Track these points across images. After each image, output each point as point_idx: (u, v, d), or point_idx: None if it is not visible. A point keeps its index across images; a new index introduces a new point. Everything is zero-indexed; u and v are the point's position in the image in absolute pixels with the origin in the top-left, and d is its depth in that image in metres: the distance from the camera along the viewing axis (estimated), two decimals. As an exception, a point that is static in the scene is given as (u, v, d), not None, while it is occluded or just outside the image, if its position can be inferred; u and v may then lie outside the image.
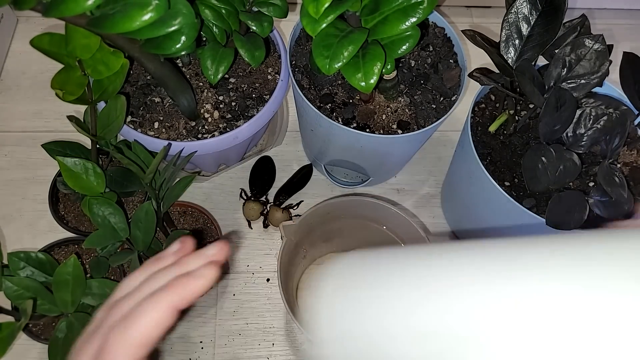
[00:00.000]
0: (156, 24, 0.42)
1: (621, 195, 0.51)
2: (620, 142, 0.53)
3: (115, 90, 0.53)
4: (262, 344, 0.65)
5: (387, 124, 0.60)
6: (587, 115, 0.54)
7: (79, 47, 0.48)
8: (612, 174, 0.51)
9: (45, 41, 0.48)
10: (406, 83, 0.62)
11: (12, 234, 0.70)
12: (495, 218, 0.60)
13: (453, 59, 0.63)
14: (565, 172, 0.52)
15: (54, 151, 0.56)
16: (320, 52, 0.48)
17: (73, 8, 0.38)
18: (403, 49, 0.50)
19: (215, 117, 0.62)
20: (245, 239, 0.72)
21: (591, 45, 0.53)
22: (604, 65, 0.53)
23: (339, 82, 0.62)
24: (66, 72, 0.49)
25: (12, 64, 0.83)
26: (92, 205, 0.52)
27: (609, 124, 0.54)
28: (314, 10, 0.45)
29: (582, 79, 0.54)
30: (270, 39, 0.67)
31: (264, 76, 0.65)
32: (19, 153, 0.76)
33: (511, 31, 0.55)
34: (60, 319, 0.51)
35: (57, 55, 0.48)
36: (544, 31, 0.54)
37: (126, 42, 0.48)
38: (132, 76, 0.63)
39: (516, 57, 0.55)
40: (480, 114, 0.62)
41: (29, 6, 0.39)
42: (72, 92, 0.49)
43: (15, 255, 0.50)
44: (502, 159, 0.59)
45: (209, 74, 0.55)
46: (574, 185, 0.57)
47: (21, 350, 0.63)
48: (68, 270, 0.49)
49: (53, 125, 0.78)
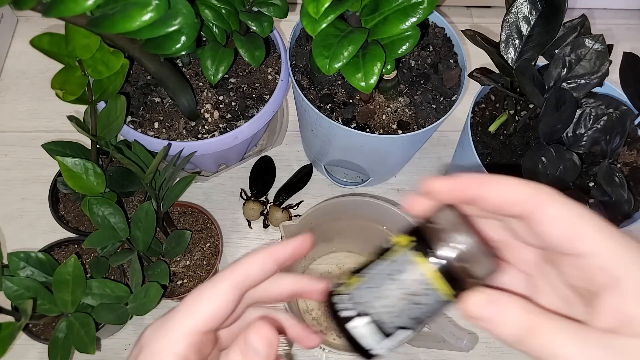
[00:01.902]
0: (156, 24, 0.42)
1: (621, 195, 0.51)
2: (620, 142, 0.53)
3: (115, 90, 0.53)
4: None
5: (387, 124, 0.60)
6: (587, 115, 0.54)
7: (79, 47, 0.48)
8: (612, 174, 0.51)
9: (45, 41, 0.48)
10: (406, 83, 0.62)
11: (12, 233, 0.70)
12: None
13: (453, 59, 0.63)
14: (565, 172, 0.52)
15: (54, 151, 0.56)
16: (320, 52, 0.48)
17: (73, 8, 0.38)
18: (403, 49, 0.50)
19: (215, 117, 0.62)
20: (245, 239, 0.72)
21: (591, 45, 0.53)
22: (604, 65, 0.53)
23: (339, 82, 0.62)
24: (66, 72, 0.49)
25: (12, 64, 0.83)
26: (92, 205, 0.52)
27: (609, 124, 0.54)
28: (314, 10, 0.45)
29: (582, 79, 0.53)
30: (270, 39, 0.67)
31: (264, 76, 0.65)
32: (19, 153, 0.76)
33: (511, 31, 0.55)
34: (60, 319, 0.51)
35: (57, 55, 0.48)
36: (544, 31, 0.54)
37: (126, 42, 0.48)
38: (132, 76, 0.63)
39: (516, 57, 0.55)
40: (480, 114, 0.62)
41: (28, 6, 0.39)
42: (72, 92, 0.49)
43: (15, 255, 0.50)
44: (502, 159, 0.59)
45: (209, 74, 0.55)
46: (574, 186, 0.57)
47: (21, 350, 0.63)
48: (68, 270, 0.49)
49: (53, 125, 0.78)
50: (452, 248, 0.25)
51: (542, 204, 0.25)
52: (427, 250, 0.25)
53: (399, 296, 0.25)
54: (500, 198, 0.26)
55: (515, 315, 0.24)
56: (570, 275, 0.26)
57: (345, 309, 0.27)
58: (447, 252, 0.25)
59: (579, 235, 0.24)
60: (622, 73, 0.55)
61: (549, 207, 0.25)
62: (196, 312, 0.29)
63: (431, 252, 0.25)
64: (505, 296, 0.25)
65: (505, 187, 0.26)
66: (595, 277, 0.24)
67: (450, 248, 0.25)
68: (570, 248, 0.25)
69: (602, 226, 0.24)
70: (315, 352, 0.65)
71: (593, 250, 0.24)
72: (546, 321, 0.24)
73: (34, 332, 0.57)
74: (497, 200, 0.26)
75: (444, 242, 0.25)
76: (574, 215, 0.25)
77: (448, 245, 0.25)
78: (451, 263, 0.25)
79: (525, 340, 0.24)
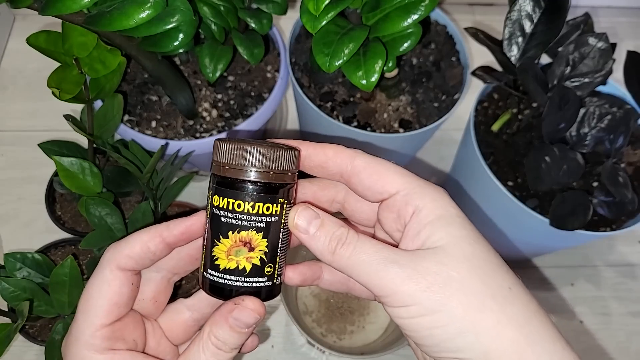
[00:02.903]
0: (154, 21, 0.42)
1: (625, 195, 0.50)
2: (624, 142, 0.52)
3: (112, 89, 0.52)
4: (261, 347, 0.65)
5: (389, 123, 0.59)
6: (590, 114, 0.54)
7: (76, 45, 0.47)
8: (616, 174, 0.51)
9: (42, 39, 0.47)
10: (408, 81, 0.61)
11: (8, 234, 0.69)
12: (498, 218, 0.59)
13: (455, 57, 0.62)
14: (568, 171, 0.51)
15: (50, 150, 0.56)
16: (321, 50, 0.47)
17: (70, 5, 0.37)
18: (405, 47, 0.49)
19: (213, 116, 0.61)
20: (245, 239, 0.71)
21: (595, 43, 0.52)
22: (608, 63, 0.53)
23: (340, 80, 0.61)
24: (63, 71, 0.49)
25: (9, 62, 0.83)
26: (88, 206, 0.51)
27: (613, 123, 0.53)
28: (314, 7, 0.45)
29: (586, 78, 0.53)
30: (270, 37, 0.66)
31: (263, 74, 0.64)
32: (15, 152, 0.75)
33: (514, 29, 0.54)
34: (57, 321, 0.50)
35: (53, 54, 0.48)
36: (547, 29, 0.53)
37: (123, 39, 0.47)
38: (130, 74, 0.63)
39: (519, 55, 0.54)
40: (483, 113, 0.61)
41: (25, 4, 0.38)
42: (68, 91, 0.49)
43: (11, 256, 0.50)
44: (505, 158, 0.58)
45: (207, 72, 0.55)
46: (578, 185, 0.57)
47: (18, 353, 0.62)
48: (65, 272, 0.48)
49: (50, 124, 0.77)
50: (246, 170, 0.29)
51: (352, 159, 0.31)
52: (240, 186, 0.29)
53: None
54: (322, 156, 0.31)
55: (330, 228, 0.29)
56: (387, 222, 0.31)
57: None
58: (252, 175, 0.29)
59: (387, 180, 0.30)
60: (627, 72, 0.54)
61: (357, 159, 0.31)
62: (91, 313, 0.30)
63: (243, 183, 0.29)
64: (324, 213, 0.29)
65: (324, 150, 0.32)
66: (402, 211, 0.29)
67: (245, 171, 0.29)
68: (381, 191, 0.30)
69: (402, 171, 0.30)
70: (315, 355, 0.64)
71: (399, 189, 0.30)
72: (360, 238, 0.28)
73: (30, 334, 0.57)
74: (319, 159, 0.31)
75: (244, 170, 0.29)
76: (378, 164, 0.31)
77: (247, 170, 0.29)
78: (260, 178, 0.29)
79: (339, 257, 0.28)
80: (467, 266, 0.27)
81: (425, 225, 0.28)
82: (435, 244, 0.27)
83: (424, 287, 0.26)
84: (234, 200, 0.29)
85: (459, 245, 0.27)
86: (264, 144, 0.29)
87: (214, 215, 0.30)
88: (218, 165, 0.30)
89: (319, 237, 0.29)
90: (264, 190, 0.29)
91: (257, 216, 0.29)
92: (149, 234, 0.31)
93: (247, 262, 0.29)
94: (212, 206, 0.30)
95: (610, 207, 0.52)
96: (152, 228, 0.32)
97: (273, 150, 0.29)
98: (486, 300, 0.26)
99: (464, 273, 0.26)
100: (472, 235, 0.28)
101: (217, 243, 0.30)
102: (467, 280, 0.26)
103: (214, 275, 0.30)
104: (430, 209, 0.28)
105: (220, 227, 0.29)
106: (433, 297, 0.26)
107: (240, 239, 0.29)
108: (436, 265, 0.26)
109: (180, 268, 0.34)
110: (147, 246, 0.31)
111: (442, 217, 0.28)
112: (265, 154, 0.29)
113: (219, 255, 0.30)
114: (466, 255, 0.27)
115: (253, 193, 0.29)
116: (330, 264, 0.29)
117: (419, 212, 0.28)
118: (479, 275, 0.27)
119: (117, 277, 0.30)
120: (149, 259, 0.31)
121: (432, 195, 0.29)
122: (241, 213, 0.29)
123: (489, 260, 0.27)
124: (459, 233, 0.28)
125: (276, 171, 0.29)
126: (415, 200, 0.29)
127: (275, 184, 0.29)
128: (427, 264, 0.27)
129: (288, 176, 0.30)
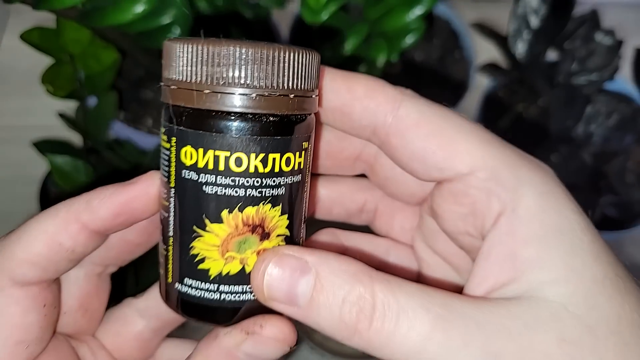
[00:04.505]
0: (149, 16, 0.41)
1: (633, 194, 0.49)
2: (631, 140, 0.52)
3: (107, 86, 0.52)
4: (260, 348, 0.64)
5: (390, 121, 0.58)
6: (597, 111, 0.53)
7: (70, 41, 0.47)
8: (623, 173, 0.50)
9: (36, 35, 0.47)
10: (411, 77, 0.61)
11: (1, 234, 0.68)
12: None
13: (459, 53, 0.62)
14: (575, 170, 0.51)
15: (44, 149, 0.55)
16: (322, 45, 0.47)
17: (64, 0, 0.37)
18: (408, 42, 0.49)
19: (212, 114, 0.60)
20: (243, 239, 0.70)
21: (601, 39, 0.52)
22: (615, 60, 0.52)
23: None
24: (57, 67, 0.48)
25: (2, 59, 0.82)
26: (83, 206, 0.50)
27: (621, 121, 0.52)
28: (314, 1, 0.44)
29: (593, 74, 0.52)
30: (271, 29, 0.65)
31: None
32: (7, 151, 0.74)
33: (519, 25, 0.53)
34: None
35: (47, 50, 0.47)
36: (553, 25, 0.53)
37: (118, 35, 0.47)
38: (125, 71, 0.62)
39: (525, 51, 0.53)
40: (488, 110, 0.61)
41: (17, -2, 0.38)
42: (62, 88, 0.48)
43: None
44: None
45: (206, 68, 0.54)
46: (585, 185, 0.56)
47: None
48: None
49: (43, 122, 0.76)
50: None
51: (396, 105, 0.17)
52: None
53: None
54: (345, 93, 0.18)
55: (337, 286, 0.16)
56: (451, 218, 0.18)
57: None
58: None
59: (455, 148, 0.17)
60: (634, 69, 0.54)
61: (404, 107, 0.17)
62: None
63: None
64: (328, 254, 0.16)
65: (349, 83, 0.18)
66: (481, 207, 0.17)
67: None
68: (442, 166, 0.17)
69: (483, 135, 0.17)
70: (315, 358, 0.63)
71: (475, 167, 0.17)
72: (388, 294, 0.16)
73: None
74: (339, 98, 0.18)
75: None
76: (441, 119, 0.17)
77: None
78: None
79: (367, 338, 0.16)
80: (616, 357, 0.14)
81: (525, 243, 0.16)
82: (548, 293, 0.15)
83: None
84: (228, 152, 0.17)
85: (597, 307, 0.15)
86: (266, 44, 0.17)
87: (189, 184, 0.18)
88: (186, 90, 0.17)
89: (318, 307, 0.16)
90: (281, 127, 0.17)
91: (272, 177, 0.18)
92: (57, 220, 0.20)
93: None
94: (180, 167, 0.18)
95: (618, 207, 0.51)
96: (61, 208, 0.20)
97: (287, 53, 0.17)
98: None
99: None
100: (611, 273, 0.15)
101: (201, 232, 0.18)
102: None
103: (197, 289, 0.19)
104: (534, 212, 0.16)
105: (203, 204, 0.18)
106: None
107: (246, 220, 0.18)
108: (557, 352, 0.14)
109: (114, 258, 0.23)
110: (57, 241, 0.20)
111: (558, 233, 0.16)
112: (279, 60, 0.17)
113: (205, 254, 0.18)
114: (612, 329, 0.14)
115: (263, 135, 0.17)
116: (355, 347, 0.17)
117: (513, 215, 0.17)
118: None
119: (15, 300, 0.19)
120: (66, 259, 0.20)
121: (536, 185, 0.17)
122: (243, 175, 0.17)
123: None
124: (591, 274, 0.15)
125: (298, 92, 0.18)
126: (505, 191, 0.17)
127: (297, 116, 0.18)
128: (540, 346, 0.14)
129: (312, 100, 0.19)
